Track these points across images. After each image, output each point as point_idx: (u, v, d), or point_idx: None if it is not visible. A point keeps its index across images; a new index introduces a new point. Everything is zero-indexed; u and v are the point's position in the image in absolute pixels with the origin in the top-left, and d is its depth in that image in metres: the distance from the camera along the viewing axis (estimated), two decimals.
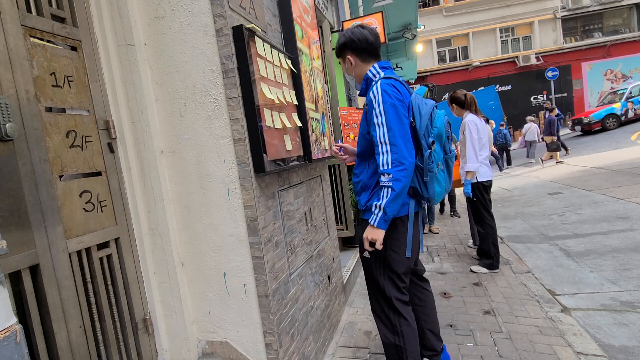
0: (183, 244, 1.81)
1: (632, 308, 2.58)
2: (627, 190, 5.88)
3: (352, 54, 1.74)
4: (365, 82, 1.74)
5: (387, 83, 1.58)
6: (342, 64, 1.84)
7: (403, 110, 1.54)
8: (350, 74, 1.80)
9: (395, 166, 1.49)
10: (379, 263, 1.71)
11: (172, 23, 1.66)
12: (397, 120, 1.51)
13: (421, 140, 1.59)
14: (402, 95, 1.59)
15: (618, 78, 18.60)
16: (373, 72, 1.71)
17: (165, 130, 1.75)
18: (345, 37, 1.73)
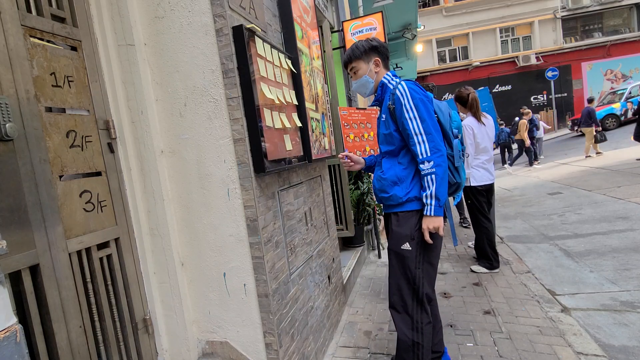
0: (183, 244, 1.81)
1: (632, 308, 2.58)
2: (627, 190, 5.88)
3: (380, 57, 1.82)
4: (380, 89, 1.82)
5: (411, 83, 1.71)
6: (359, 66, 1.82)
7: (430, 105, 1.68)
8: (372, 77, 1.82)
9: (434, 152, 1.60)
10: (420, 257, 1.72)
11: (172, 23, 1.66)
12: (427, 113, 1.63)
13: (447, 131, 1.74)
14: (426, 93, 1.71)
15: (618, 78, 18.59)
16: (388, 79, 1.80)
17: (166, 130, 1.75)
18: (373, 42, 1.82)
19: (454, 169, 1.75)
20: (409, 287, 1.73)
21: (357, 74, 1.85)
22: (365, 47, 1.80)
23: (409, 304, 1.73)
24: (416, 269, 1.72)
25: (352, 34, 3.90)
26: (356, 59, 1.82)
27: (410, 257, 1.71)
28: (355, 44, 1.85)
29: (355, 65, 1.83)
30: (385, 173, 1.78)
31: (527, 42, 19.21)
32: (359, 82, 1.85)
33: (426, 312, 1.73)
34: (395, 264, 1.78)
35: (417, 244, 1.70)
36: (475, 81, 18.67)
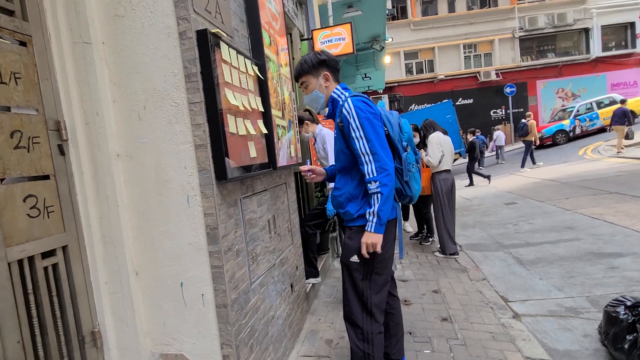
0: (138, 252, 1.73)
1: (575, 314, 2.75)
2: (575, 201, 6.31)
3: (329, 71, 1.80)
4: (331, 104, 1.81)
5: (357, 99, 1.68)
6: (309, 81, 1.82)
7: (377, 122, 1.66)
8: (323, 91, 1.81)
9: (380, 173, 1.59)
10: (367, 268, 1.73)
11: (132, 23, 1.60)
12: (373, 132, 1.62)
13: (397, 145, 1.74)
14: (373, 108, 1.70)
15: (568, 96, 19.98)
16: (338, 93, 1.79)
17: (123, 133, 1.68)
18: (322, 56, 1.80)
19: (405, 183, 1.76)
20: (358, 299, 1.76)
21: (307, 89, 1.84)
22: (314, 61, 1.78)
23: (358, 315, 1.76)
24: (363, 280, 1.74)
25: (322, 42, 3.94)
26: (305, 74, 1.81)
27: (359, 270, 1.74)
28: (304, 57, 1.82)
29: (305, 80, 1.83)
30: (340, 189, 1.80)
31: (488, 58, 20.24)
32: (310, 96, 1.85)
33: (376, 322, 1.75)
34: (346, 276, 1.81)
35: (364, 257, 1.71)
36: (440, 94, 19.40)
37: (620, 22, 19.51)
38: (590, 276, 3.35)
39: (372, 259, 1.72)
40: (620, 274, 3.29)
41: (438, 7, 20.11)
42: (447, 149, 4.25)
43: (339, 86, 1.82)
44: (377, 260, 1.74)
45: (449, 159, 4.28)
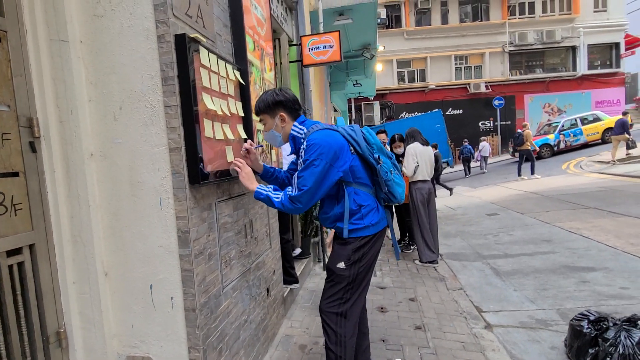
0: (109, 252, 1.72)
1: (545, 326, 2.81)
2: (554, 215, 6.44)
3: (286, 111, 1.81)
4: (292, 141, 1.83)
5: (315, 136, 1.68)
6: (266, 120, 1.84)
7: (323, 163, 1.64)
8: (279, 131, 1.83)
9: (291, 202, 1.67)
10: (350, 275, 1.78)
11: (111, 23, 1.60)
12: (312, 174, 1.63)
13: (368, 159, 1.77)
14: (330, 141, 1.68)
15: (554, 111, 20.45)
16: (297, 130, 1.81)
17: (97, 132, 1.67)
18: (279, 96, 1.80)
19: (387, 193, 1.82)
20: (336, 303, 1.80)
21: (265, 126, 1.87)
22: (270, 102, 1.79)
23: (334, 319, 1.80)
24: (345, 287, 1.79)
25: (310, 49, 3.98)
26: (262, 113, 1.84)
27: (342, 276, 1.79)
28: (262, 96, 1.83)
29: (262, 118, 1.86)
30: (328, 213, 1.85)
31: (478, 71, 20.60)
32: (267, 135, 1.87)
33: (350, 326, 1.79)
34: (329, 280, 1.86)
35: (351, 266, 1.77)
36: (431, 103, 19.65)
37: (606, 42, 20.09)
38: (563, 289, 3.43)
39: (357, 267, 1.78)
40: (591, 288, 3.37)
41: (432, 18, 20.42)
42: (423, 160, 4.35)
43: (296, 122, 1.82)
44: (361, 270, 1.80)
45: (426, 169, 4.38)
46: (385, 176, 1.78)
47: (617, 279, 3.52)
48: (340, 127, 1.78)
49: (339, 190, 1.77)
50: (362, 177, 1.77)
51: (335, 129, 1.75)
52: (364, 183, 1.78)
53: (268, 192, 1.74)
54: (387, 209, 1.93)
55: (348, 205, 1.74)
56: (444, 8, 20.35)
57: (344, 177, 1.71)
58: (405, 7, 20.22)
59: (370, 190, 1.80)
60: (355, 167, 1.73)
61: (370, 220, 1.77)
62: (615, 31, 19.99)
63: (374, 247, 1.82)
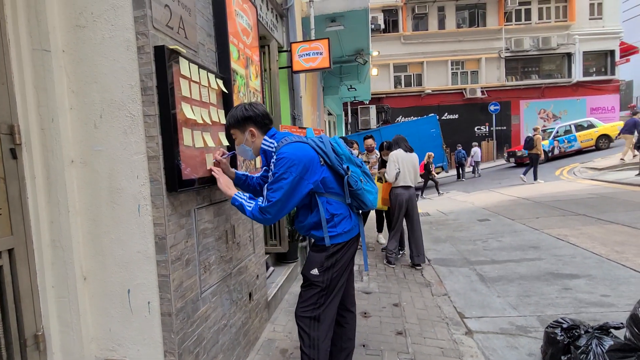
0: (87, 257, 1.76)
1: (524, 332, 2.86)
2: (543, 221, 6.50)
3: (255, 126, 1.85)
4: (263, 155, 1.89)
5: (285, 150, 1.72)
6: (236, 134, 1.89)
7: (292, 176, 1.68)
8: (250, 145, 1.88)
9: (261, 213, 1.73)
10: (324, 282, 1.83)
11: (93, 34, 1.64)
12: (281, 187, 1.68)
13: (338, 170, 1.83)
14: (300, 154, 1.72)
15: (550, 117, 20.58)
16: (267, 144, 1.85)
17: (78, 140, 1.71)
18: (249, 111, 1.84)
19: (359, 201, 1.88)
20: (309, 307, 1.85)
21: (236, 141, 1.92)
22: (239, 117, 1.84)
23: (307, 322, 1.85)
24: (319, 292, 1.84)
25: (299, 55, 4.03)
26: (232, 128, 1.88)
27: (316, 282, 1.84)
28: (232, 112, 1.87)
29: (233, 133, 1.91)
30: (303, 222, 1.89)
31: (474, 76, 20.74)
32: (239, 149, 1.93)
33: (323, 329, 1.84)
34: (303, 285, 1.92)
35: (324, 272, 1.82)
36: (427, 107, 19.75)
37: (601, 50, 20.27)
38: (545, 296, 3.48)
39: (330, 273, 1.83)
40: (572, 295, 3.42)
41: (428, 23, 20.56)
42: (406, 166, 4.43)
43: (266, 136, 1.87)
44: (334, 276, 1.85)
45: (409, 175, 4.46)
46: (356, 185, 1.82)
47: (599, 286, 3.57)
48: (310, 138, 1.83)
49: (311, 200, 1.82)
50: (334, 187, 1.82)
51: (305, 141, 1.79)
52: (336, 192, 1.82)
53: (242, 200, 1.79)
54: (360, 215, 1.97)
55: (323, 214, 1.78)
56: (441, 13, 20.50)
57: (315, 188, 1.76)
58: (402, 12, 20.36)
59: (343, 198, 1.84)
60: (326, 178, 1.78)
61: (343, 227, 1.82)
62: (611, 39, 20.18)
63: (347, 254, 1.87)
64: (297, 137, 1.82)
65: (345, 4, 5.13)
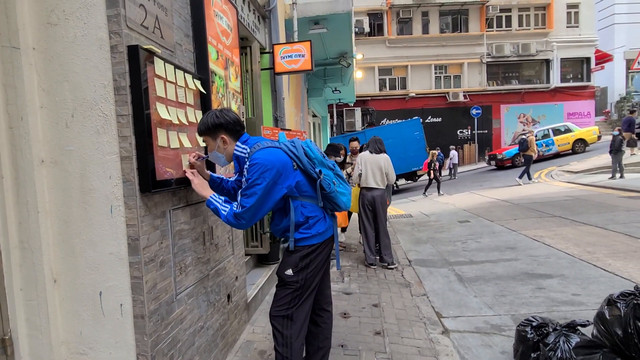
0: (58, 259, 1.72)
1: (498, 331, 2.93)
2: (521, 223, 6.67)
3: (227, 133, 1.85)
4: (236, 161, 1.90)
5: (257, 156, 1.73)
6: (208, 142, 1.89)
7: (271, 177, 1.70)
8: (222, 152, 1.88)
9: (234, 218, 1.74)
10: (298, 282, 1.85)
11: (65, 32, 1.62)
12: (255, 193, 1.70)
13: (310, 173, 1.85)
14: (274, 159, 1.73)
15: (529, 122, 21.14)
16: (240, 150, 1.86)
17: (49, 139, 1.67)
18: (220, 119, 1.83)
19: (333, 204, 1.91)
20: (283, 306, 1.87)
21: (208, 147, 1.92)
22: (210, 124, 1.82)
23: (280, 321, 1.86)
24: (292, 292, 1.86)
25: (282, 57, 4.04)
26: (204, 134, 1.88)
27: (290, 282, 1.86)
28: (203, 118, 1.87)
29: (204, 140, 1.91)
30: (278, 225, 1.91)
31: (457, 80, 21.13)
32: (211, 155, 1.92)
33: (296, 328, 1.86)
34: (278, 286, 1.94)
35: (298, 272, 1.84)
36: (411, 110, 20.02)
37: (578, 57, 20.96)
38: (520, 296, 3.57)
39: (305, 274, 1.85)
40: (545, 295, 3.53)
41: (413, 27, 20.86)
42: (370, 167, 4.53)
43: (239, 142, 1.87)
44: (309, 277, 1.87)
45: (372, 177, 4.54)
46: (329, 188, 1.84)
47: (570, 285, 3.69)
48: (282, 143, 1.84)
49: (286, 204, 1.84)
50: (308, 190, 1.84)
51: (278, 146, 1.81)
52: (310, 195, 1.85)
53: (217, 204, 1.79)
54: (335, 217, 2.00)
55: (294, 218, 1.80)
56: (425, 18, 20.84)
57: (289, 192, 1.77)
58: (387, 15, 20.60)
59: (316, 201, 1.86)
60: (300, 182, 1.80)
61: (317, 229, 1.84)
62: (586, 46, 20.89)
63: (321, 255, 1.89)
64: (270, 142, 1.83)
65: (328, 6, 5.16)
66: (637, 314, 2.04)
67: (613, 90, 27.04)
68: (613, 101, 26.59)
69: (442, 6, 20.45)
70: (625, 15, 28.51)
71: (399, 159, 12.75)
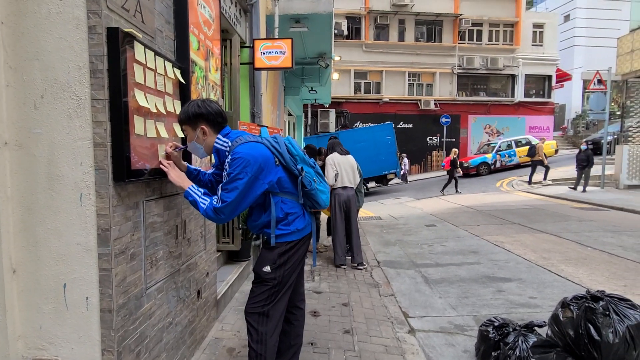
0: (19, 248, 1.62)
1: (461, 331, 3.05)
2: (483, 228, 6.98)
3: (207, 124, 1.80)
4: (216, 154, 1.85)
5: (240, 150, 1.70)
6: (188, 131, 1.84)
7: (247, 178, 1.68)
8: (201, 143, 1.83)
9: (214, 213, 1.70)
10: (275, 279, 1.84)
11: (38, 7, 1.52)
12: (236, 188, 1.67)
13: (292, 170, 1.84)
14: (257, 155, 1.71)
15: (494, 133, 22.13)
16: (221, 143, 1.81)
17: (14, 120, 1.57)
18: (201, 108, 1.78)
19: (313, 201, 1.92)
20: (259, 303, 1.86)
21: (187, 137, 1.87)
22: (191, 113, 1.78)
23: (255, 317, 1.85)
24: (269, 289, 1.85)
25: (262, 53, 4.00)
26: (184, 123, 1.83)
27: (267, 279, 1.85)
28: (184, 107, 1.83)
29: (184, 129, 1.86)
30: (256, 220, 1.89)
31: (429, 88, 21.76)
32: (190, 146, 1.88)
33: (271, 324, 1.85)
34: (254, 282, 1.92)
35: (276, 269, 1.84)
36: (384, 115, 20.38)
37: (541, 74, 22.19)
38: (481, 297, 3.73)
39: (282, 270, 1.85)
40: (505, 297, 3.71)
41: (389, 34, 21.25)
42: (343, 167, 4.61)
43: (219, 135, 1.82)
44: (286, 273, 1.87)
45: (347, 176, 4.63)
46: (310, 185, 1.85)
47: (527, 289, 3.90)
48: (265, 138, 1.83)
49: (265, 199, 1.82)
50: (288, 186, 1.84)
51: (260, 141, 1.79)
52: (290, 192, 1.84)
53: (196, 196, 1.75)
54: (313, 214, 2.02)
55: (274, 213, 1.79)
56: (402, 26, 21.29)
57: (270, 188, 1.77)
58: (365, 20, 20.87)
59: (297, 198, 1.86)
60: (281, 178, 1.80)
61: (296, 226, 1.84)
62: (549, 64, 22.16)
63: (299, 252, 1.89)
64: (252, 136, 1.81)
65: (310, 6, 5.17)
66: (588, 316, 2.19)
67: (570, 108, 28.88)
68: (570, 118, 28.38)
69: (418, 15, 20.97)
70: (584, 38, 30.56)
71: (371, 162, 12.94)
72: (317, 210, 4.09)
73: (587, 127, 14.31)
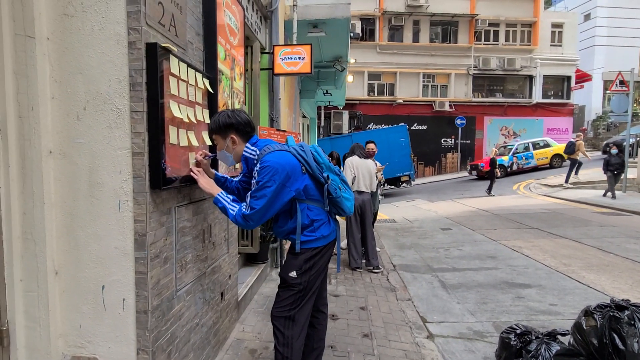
0: (61, 251, 1.71)
1: (480, 337, 3.05)
2: (501, 233, 6.90)
3: (237, 134, 1.89)
4: (245, 162, 1.94)
5: (268, 158, 1.77)
6: (218, 140, 1.93)
7: (275, 186, 1.74)
8: (230, 152, 1.92)
9: (243, 219, 1.78)
10: (301, 284, 1.89)
11: (82, 24, 1.61)
12: (265, 195, 1.73)
13: (318, 178, 1.90)
14: (283, 162, 1.78)
15: (510, 134, 21.77)
16: (249, 152, 1.91)
17: (58, 130, 1.66)
18: (231, 119, 1.87)
19: (339, 209, 1.97)
20: (285, 308, 1.91)
21: (217, 146, 1.95)
22: (221, 124, 1.87)
23: (282, 321, 1.91)
24: (295, 294, 1.91)
25: (282, 59, 4.07)
26: (214, 133, 1.92)
27: (294, 284, 1.90)
28: (215, 117, 1.91)
29: (214, 138, 1.94)
30: (282, 227, 1.95)
31: (443, 90, 21.55)
32: (219, 154, 1.96)
33: (297, 328, 1.90)
34: (281, 287, 1.98)
35: (302, 274, 1.89)
36: (397, 117, 20.28)
37: (559, 75, 21.72)
38: (500, 304, 3.72)
39: (308, 276, 1.90)
40: (525, 304, 3.68)
41: (404, 35, 21.14)
42: (361, 171, 4.64)
43: (248, 144, 1.91)
44: (311, 279, 1.92)
45: (363, 181, 4.66)
46: (335, 193, 1.90)
47: (548, 296, 3.87)
48: (292, 147, 1.89)
49: (292, 206, 1.88)
50: (315, 194, 1.89)
51: (287, 150, 1.85)
52: (316, 199, 1.90)
53: (225, 202, 1.82)
54: (338, 222, 2.06)
55: (300, 220, 1.85)
56: (416, 27, 21.15)
57: (297, 195, 1.82)
58: (379, 21, 20.82)
59: (322, 205, 1.91)
60: (308, 185, 1.85)
61: (322, 232, 1.89)
62: (568, 65, 21.68)
63: (324, 257, 1.95)
64: (279, 145, 1.87)
65: (328, 11, 5.22)
66: (613, 325, 2.18)
67: (590, 109, 28.17)
68: (590, 119, 27.70)
69: (433, 16, 20.81)
70: (605, 37, 29.79)
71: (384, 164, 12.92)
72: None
73: (607, 129, 13.97)
